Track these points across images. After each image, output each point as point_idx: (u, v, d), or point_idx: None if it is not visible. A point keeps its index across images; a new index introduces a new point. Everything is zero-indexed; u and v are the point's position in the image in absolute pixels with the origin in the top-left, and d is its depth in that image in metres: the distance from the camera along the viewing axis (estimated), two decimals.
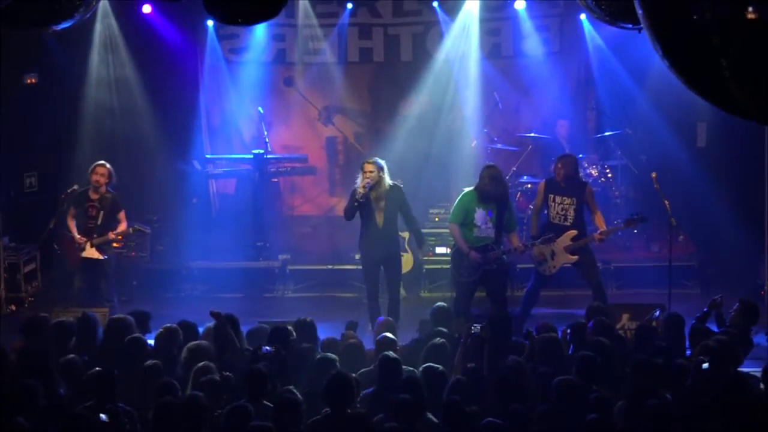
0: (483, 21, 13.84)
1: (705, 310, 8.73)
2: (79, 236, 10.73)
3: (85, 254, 10.72)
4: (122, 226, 10.84)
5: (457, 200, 10.33)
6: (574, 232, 10.29)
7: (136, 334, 7.97)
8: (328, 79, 14.41)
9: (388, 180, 10.34)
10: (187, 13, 13.35)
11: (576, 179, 10.53)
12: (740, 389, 6.68)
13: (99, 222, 10.77)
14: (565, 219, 10.36)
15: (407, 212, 10.57)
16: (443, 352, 7.70)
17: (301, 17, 14.04)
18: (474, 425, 6.30)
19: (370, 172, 10.21)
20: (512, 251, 10.33)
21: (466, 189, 10.29)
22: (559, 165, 10.42)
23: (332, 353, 7.57)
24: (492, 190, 10.02)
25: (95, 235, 10.75)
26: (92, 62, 13.56)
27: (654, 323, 8.83)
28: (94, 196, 10.81)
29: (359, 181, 10.28)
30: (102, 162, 10.92)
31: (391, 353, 7.29)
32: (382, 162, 10.35)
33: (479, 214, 10.09)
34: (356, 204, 10.23)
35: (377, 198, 10.29)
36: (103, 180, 10.75)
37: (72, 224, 10.83)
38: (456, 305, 10.18)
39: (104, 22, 13.49)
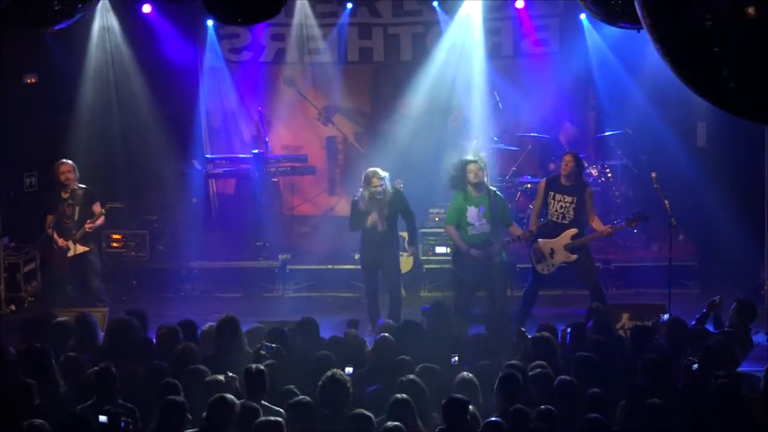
0: (483, 21, 13.81)
1: (704, 311, 8.74)
2: (61, 240, 10.79)
3: (72, 253, 10.79)
4: (100, 219, 10.90)
5: (450, 203, 10.42)
6: (574, 231, 10.28)
7: (147, 336, 8.02)
8: (328, 79, 14.41)
9: (389, 188, 10.38)
10: (187, 13, 13.35)
11: (579, 178, 10.52)
12: (736, 389, 6.68)
13: (75, 218, 10.85)
14: (564, 218, 10.36)
15: (409, 218, 10.64)
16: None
17: (301, 17, 14.04)
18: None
19: (380, 186, 10.23)
20: (515, 240, 10.31)
21: (455, 192, 10.32)
22: (568, 158, 10.40)
23: (335, 352, 7.60)
24: (482, 181, 10.07)
25: (74, 232, 10.82)
26: (92, 62, 13.55)
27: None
28: (65, 195, 10.90)
29: (364, 194, 10.28)
30: (63, 160, 11.05)
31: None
32: (384, 173, 10.37)
33: (471, 212, 10.13)
34: (362, 221, 10.31)
35: (381, 207, 10.33)
36: (71, 176, 10.84)
37: (52, 232, 10.88)
38: (457, 305, 10.21)
39: (104, 21, 13.49)
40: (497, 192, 10.45)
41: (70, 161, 11.01)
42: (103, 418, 6.38)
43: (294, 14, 13.98)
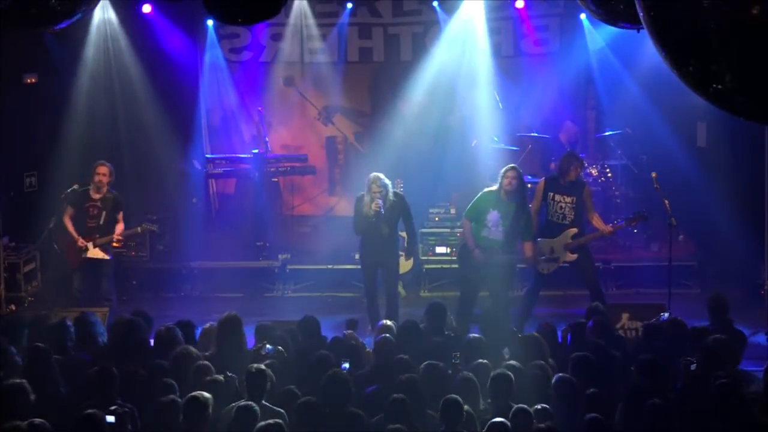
0: (483, 20, 13.82)
1: None
2: (81, 238, 10.70)
3: (89, 255, 10.69)
4: (120, 227, 10.84)
5: (475, 197, 10.33)
6: (574, 230, 10.29)
7: (148, 337, 8.03)
8: (328, 79, 14.42)
9: (391, 194, 10.39)
10: (187, 13, 13.35)
11: (577, 178, 10.54)
12: (736, 389, 6.68)
13: (101, 222, 10.78)
14: (564, 218, 10.37)
15: (408, 220, 10.64)
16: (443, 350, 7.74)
17: (301, 17, 14.06)
18: None
19: (380, 191, 10.23)
20: (525, 261, 10.34)
21: (487, 189, 10.29)
22: (576, 164, 10.39)
23: (335, 353, 7.60)
24: (516, 191, 10.02)
25: (97, 235, 10.74)
26: (92, 62, 13.53)
27: None
28: (95, 195, 10.81)
29: (366, 200, 10.30)
30: (102, 161, 10.95)
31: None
32: (387, 180, 10.37)
33: (492, 216, 10.09)
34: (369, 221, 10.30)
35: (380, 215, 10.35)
36: (105, 179, 10.77)
37: (69, 224, 10.80)
38: (460, 304, 10.21)
39: (104, 21, 13.48)
40: (528, 207, 10.35)
41: (108, 164, 10.92)
42: (110, 418, 6.39)
43: (294, 14, 13.99)
